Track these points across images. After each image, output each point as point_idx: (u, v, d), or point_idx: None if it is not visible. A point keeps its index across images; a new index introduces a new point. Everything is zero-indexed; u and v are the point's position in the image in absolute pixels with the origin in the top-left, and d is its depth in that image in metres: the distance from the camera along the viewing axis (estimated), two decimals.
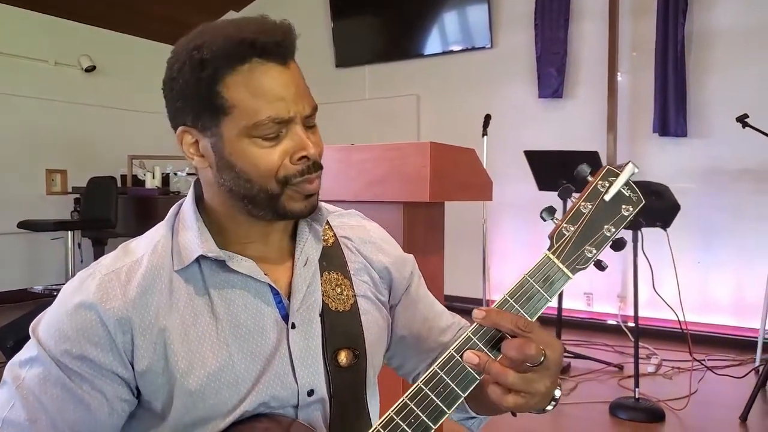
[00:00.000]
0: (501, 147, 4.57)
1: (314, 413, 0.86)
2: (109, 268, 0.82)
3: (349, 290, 0.92)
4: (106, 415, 0.79)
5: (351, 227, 0.99)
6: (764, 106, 3.87)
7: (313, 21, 6.04)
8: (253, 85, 0.78)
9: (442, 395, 0.74)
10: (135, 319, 0.79)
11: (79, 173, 5.74)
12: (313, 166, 0.82)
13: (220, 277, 0.84)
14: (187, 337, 0.81)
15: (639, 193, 0.79)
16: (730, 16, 4.21)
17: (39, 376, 0.78)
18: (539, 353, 0.71)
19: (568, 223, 0.78)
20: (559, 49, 4.75)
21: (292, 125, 0.80)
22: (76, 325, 0.78)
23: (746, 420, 2.83)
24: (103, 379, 0.78)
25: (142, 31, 6.64)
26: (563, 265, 0.77)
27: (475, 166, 1.95)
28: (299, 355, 0.85)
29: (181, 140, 0.85)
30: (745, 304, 4.06)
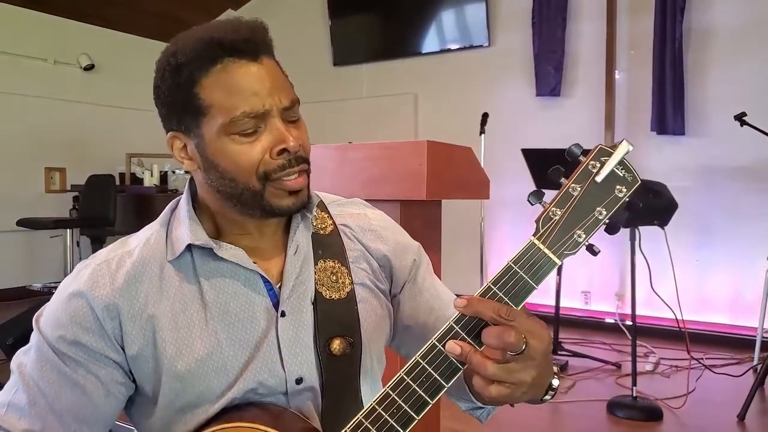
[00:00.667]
0: (499, 145, 4.58)
1: (305, 401, 0.86)
2: (101, 259, 0.86)
3: (346, 278, 0.91)
4: (102, 398, 0.82)
5: (351, 215, 0.99)
6: (762, 104, 3.87)
7: (310, 19, 6.04)
8: (227, 84, 0.79)
9: (425, 385, 0.72)
10: (122, 305, 0.82)
11: (78, 171, 5.74)
12: (295, 159, 0.82)
13: (210, 265, 0.86)
14: (176, 324, 0.83)
15: (634, 172, 0.74)
16: (727, 15, 4.21)
17: (37, 361, 0.82)
18: (519, 341, 0.68)
19: (555, 206, 0.74)
20: (557, 47, 4.76)
21: (270, 119, 0.81)
22: (69, 312, 0.82)
23: (744, 419, 2.83)
24: (97, 363, 0.82)
25: (141, 29, 6.64)
26: (549, 251, 0.73)
27: (472, 164, 1.95)
28: (287, 343, 0.85)
29: (171, 145, 0.87)
30: (743, 302, 4.06)
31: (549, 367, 0.74)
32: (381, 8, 5.72)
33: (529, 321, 0.70)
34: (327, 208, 0.97)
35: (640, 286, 2.97)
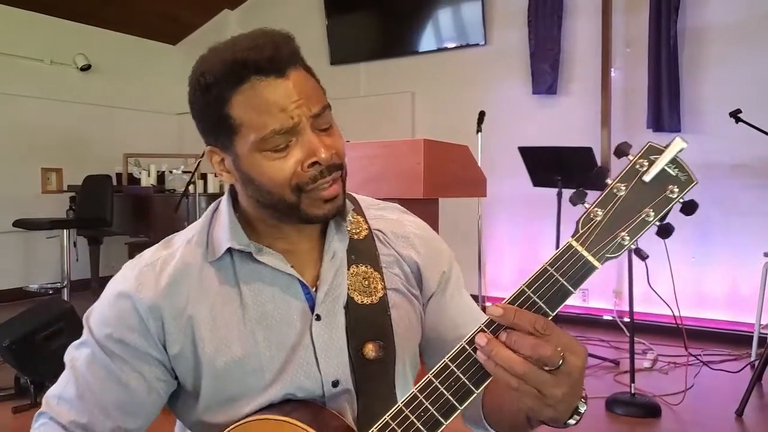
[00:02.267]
0: (496, 143, 4.58)
1: (342, 404, 0.88)
2: (147, 261, 0.91)
3: (379, 283, 0.92)
4: (144, 394, 0.87)
5: (386, 220, 1.00)
6: (757, 101, 3.88)
7: (307, 18, 6.03)
8: (254, 102, 0.80)
9: (453, 389, 0.70)
10: (165, 307, 0.86)
11: (75, 172, 5.73)
12: (327, 169, 0.82)
13: (249, 268, 0.88)
14: (214, 324, 0.86)
15: (689, 171, 0.67)
16: (722, 13, 4.22)
17: (87, 357, 0.87)
18: (556, 355, 0.65)
19: (597, 207, 0.69)
20: (553, 45, 4.76)
21: (301, 132, 0.81)
22: (116, 312, 0.87)
23: (742, 414, 2.84)
24: (141, 361, 0.86)
25: (137, 29, 6.63)
26: (588, 253, 0.69)
27: (468, 162, 1.96)
28: (322, 346, 0.87)
29: (210, 159, 0.89)
30: (740, 298, 4.08)
31: (581, 388, 0.71)
32: (378, 7, 5.72)
33: (566, 336, 0.68)
34: (363, 212, 0.98)
35: (637, 283, 2.98)
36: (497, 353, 0.66)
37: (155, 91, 6.96)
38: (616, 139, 4.59)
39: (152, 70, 6.93)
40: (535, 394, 0.66)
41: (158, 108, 6.96)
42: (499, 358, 0.66)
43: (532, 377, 0.65)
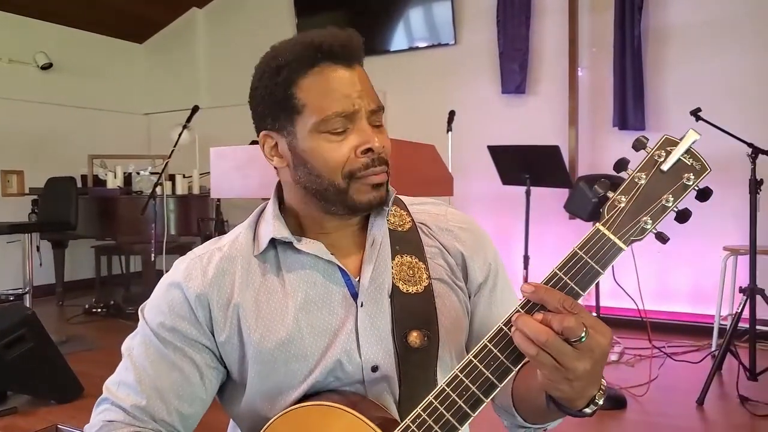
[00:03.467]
0: (465, 142, 4.62)
1: (382, 391, 0.90)
2: (196, 254, 0.96)
3: (424, 273, 0.94)
4: (198, 379, 0.91)
5: (430, 214, 1.02)
6: (717, 99, 4.00)
7: (277, 17, 6.00)
8: (322, 85, 0.85)
9: (492, 367, 0.74)
10: (212, 295, 0.91)
11: (37, 174, 5.60)
12: (378, 159, 0.87)
13: (291, 258, 0.93)
14: (259, 312, 0.90)
15: (703, 160, 0.75)
16: (683, 13, 4.34)
17: (143, 345, 0.92)
18: (579, 326, 0.68)
19: (620, 194, 0.75)
20: (522, 45, 4.82)
21: (358, 120, 0.86)
22: (167, 301, 0.92)
23: (703, 403, 2.93)
24: (192, 348, 0.91)
25: (100, 27, 6.50)
26: (615, 237, 0.74)
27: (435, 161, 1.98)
28: (365, 332, 0.90)
29: (263, 144, 0.93)
30: (702, 291, 4.19)
31: (601, 372, 0.75)
32: (348, 6, 5.72)
33: (592, 317, 0.71)
34: (407, 207, 1.01)
35: (603, 278, 3.03)
36: (525, 322, 0.70)
37: (122, 90, 6.84)
38: (583, 137, 4.67)
39: (118, 69, 6.81)
40: (554, 365, 0.69)
41: (125, 108, 6.84)
42: (524, 326, 0.70)
43: (553, 346, 0.69)
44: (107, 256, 6.14)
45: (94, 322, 4.91)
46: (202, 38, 6.75)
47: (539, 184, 3.86)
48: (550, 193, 4.19)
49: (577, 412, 0.77)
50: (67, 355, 3.23)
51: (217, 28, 6.65)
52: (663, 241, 0.77)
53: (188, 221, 4.83)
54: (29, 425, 2.81)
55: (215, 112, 6.20)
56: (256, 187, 2.32)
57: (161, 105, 6.87)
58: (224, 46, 6.50)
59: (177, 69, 6.86)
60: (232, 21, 6.49)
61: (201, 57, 6.75)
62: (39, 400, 3.06)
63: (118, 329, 4.67)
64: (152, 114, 7.08)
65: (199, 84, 6.68)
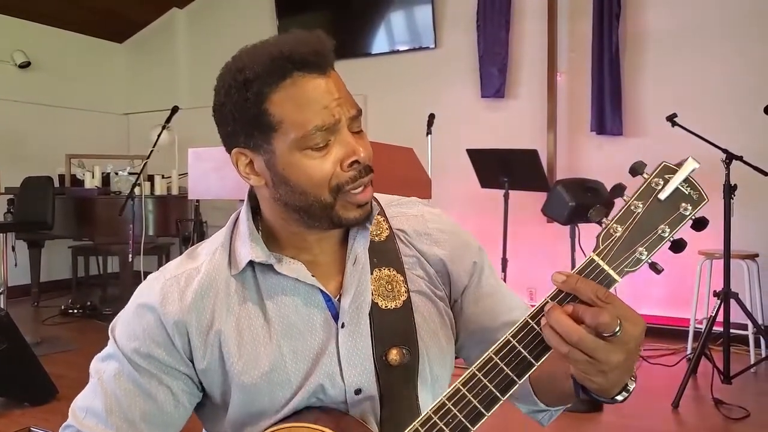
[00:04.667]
0: (445, 145, 4.64)
1: (365, 411, 0.88)
2: (171, 273, 0.90)
3: (402, 286, 0.91)
4: (172, 407, 0.88)
5: (408, 218, 0.98)
6: (692, 105, 4.07)
7: (258, 18, 5.98)
8: (298, 98, 0.79)
9: (513, 364, 0.72)
10: (191, 322, 0.86)
11: (13, 173, 5.50)
12: (364, 169, 0.83)
13: (271, 280, 0.88)
14: (241, 340, 0.87)
15: (701, 190, 0.73)
16: (660, 20, 4.41)
17: (114, 371, 0.87)
18: (614, 322, 0.66)
19: (616, 223, 0.73)
20: (501, 49, 4.86)
21: (339, 132, 0.81)
22: (142, 325, 0.87)
23: (678, 406, 2.98)
24: (168, 375, 0.87)
25: (79, 25, 6.43)
26: (609, 267, 0.72)
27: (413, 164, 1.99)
28: (347, 354, 0.87)
29: (236, 161, 0.87)
30: (677, 295, 4.25)
31: (634, 360, 0.73)
32: (329, 8, 5.71)
33: (625, 306, 0.69)
34: (384, 211, 0.97)
35: None
36: (557, 319, 0.68)
37: (101, 90, 6.77)
38: (561, 141, 4.72)
39: (97, 69, 6.73)
40: (587, 360, 0.68)
41: (104, 108, 6.77)
42: (556, 323, 0.68)
43: (586, 344, 0.67)
44: (84, 256, 6.07)
45: (70, 324, 4.85)
46: (182, 39, 6.70)
47: (517, 188, 3.90)
48: (528, 196, 4.22)
49: (610, 400, 0.75)
50: (41, 357, 3.19)
51: (198, 29, 6.61)
52: (657, 271, 0.75)
53: (167, 222, 4.79)
54: (2, 427, 2.76)
55: (195, 113, 6.14)
56: (234, 188, 2.31)
57: (140, 105, 6.81)
58: (204, 47, 6.46)
59: (157, 69, 6.80)
60: (213, 22, 6.45)
61: (181, 57, 6.70)
62: (12, 402, 3.03)
63: (94, 330, 4.62)
64: (131, 114, 7.01)
65: (178, 84, 6.63)
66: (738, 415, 2.86)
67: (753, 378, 3.46)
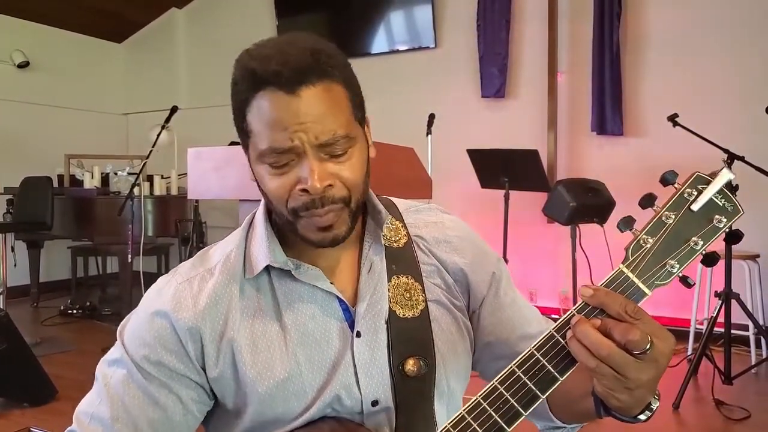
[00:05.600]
0: (445, 145, 4.63)
1: (380, 422, 0.85)
2: (184, 277, 0.88)
3: (420, 295, 0.89)
4: (180, 416, 0.85)
5: (426, 224, 0.96)
6: (693, 105, 4.06)
7: (257, 19, 5.97)
8: (261, 114, 0.78)
9: (536, 378, 0.70)
10: (204, 329, 0.84)
11: (12, 173, 5.50)
12: (320, 200, 0.78)
13: (288, 286, 0.86)
14: (255, 347, 0.84)
15: (736, 202, 0.70)
16: (661, 20, 4.40)
17: (123, 378, 0.84)
18: (645, 340, 0.64)
19: (647, 234, 0.70)
20: (501, 49, 4.86)
21: (303, 155, 0.77)
22: (153, 332, 0.84)
23: (679, 407, 2.97)
24: (179, 383, 0.84)
25: (79, 25, 6.42)
26: (639, 280, 0.70)
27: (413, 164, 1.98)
28: (363, 365, 0.84)
29: None
30: (678, 295, 4.25)
31: (659, 378, 0.70)
32: (329, 8, 5.70)
33: (654, 322, 0.67)
34: (402, 217, 0.95)
35: (581, 282, 3.06)
36: (584, 332, 0.66)
37: (100, 90, 6.76)
38: (562, 141, 4.72)
39: (96, 69, 6.72)
40: (614, 375, 0.66)
41: (103, 108, 6.76)
42: (585, 338, 0.66)
43: (615, 360, 0.65)
44: (83, 256, 6.06)
45: (69, 324, 4.83)
46: (181, 38, 6.69)
47: (518, 188, 3.89)
48: (528, 196, 4.22)
49: (632, 419, 0.72)
50: (41, 358, 3.18)
51: (197, 29, 6.60)
52: (688, 286, 0.73)
53: (166, 222, 4.78)
54: (2, 428, 2.76)
55: (194, 113, 6.16)
56: (234, 188, 2.30)
57: (140, 105, 6.80)
58: (204, 47, 6.46)
59: (156, 69, 6.79)
60: (212, 22, 6.44)
61: (180, 57, 6.69)
62: (12, 402, 3.02)
63: (93, 331, 4.61)
64: (131, 114, 7.00)
65: (178, 84, 6.62)
66: (739, 415, 2.85)
67: (754, 379, 3.45)
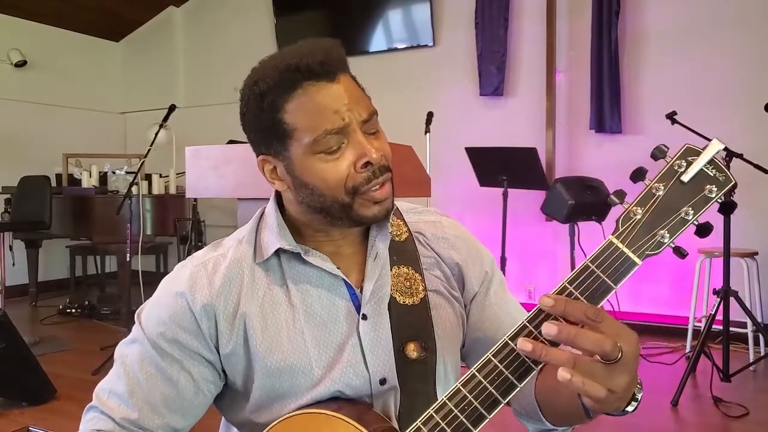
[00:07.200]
0: (444, 144, 4.64)
1: (389, 403, 0.89)
2: (199, 260, 0.93)
3: (420, 284, 0.94)
4: (192, 394, 0.90)
5: (426, 223, 1.02)
6: (693, 103, 4.07)
7: (255, 17, 5.96)
8: (308, 106, 0.83)
9: (496, 383, 0.70)
10: (219, 306, 0.89)
11: (10, 172, 5.49)
12: (378, 170, 0.86)
13: (297, 269, 0.92)
14: (265, 324, 0.89)
15: (727, 172, 0.70)
16: (660, 18, 4.40)
17: (138, 355, 0.90)
18: (615, 349, 0.65)
19: (636, 206, 0.71)
20: (500, 47, 4.85)
21: (352, 134, 0.84)
22: (169, 311, 0.89)
23: (677, 404, 2.97)
24: (192, 360, 0.89)
25: (76, 24, 6.41)
26: (629, 250, 0.70)
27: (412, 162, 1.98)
28: (369, 344, 0.89)
29: (262, 168, 0.92)
30: (676, 293, 4.25)
31: (636, 374, 0.71)
32: (327, 6, 5.70)
33: (617, 324, 0.68)
34: (402, 216, 1.01)
35: None
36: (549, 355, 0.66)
37: (98, 89, 6.75)
38: (560, 139, 4.72)
39: (94, 68, 6.71)
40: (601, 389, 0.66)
41: (101, 107, 6.75)
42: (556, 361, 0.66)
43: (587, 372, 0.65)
44: (82, 256, 6.06)
45: (68, 323, 4.83)
46: (179, 37, 6.68)
47: (516, 186, 3.89)
48: (527, 194, 4.22)
49: (621, 413, 0.74)
50: (39, 357, 3.18)
51: (195, 28, 6.58)
52: (681, 256, 0.73)
53: (165, 221, 4.78)
54: (1, 427, 2.76)
55: (192, 112, 6.15)
56: (232, 187, 2.30)
57: (138, 104, 6.79)
58: (202, 46, 6.45)
59: (154, 68, 6.78)
60: (210, 20, 6.43)
61: (178, 56, 6.68)
62: (10, 402, 3.01)
63: (92, 330, 4.61)
64: (128, 113, 6.99)
65: (176, 83, 6.61)
66: (737, 413, 2.86)
67: (752, 376, 3.45)
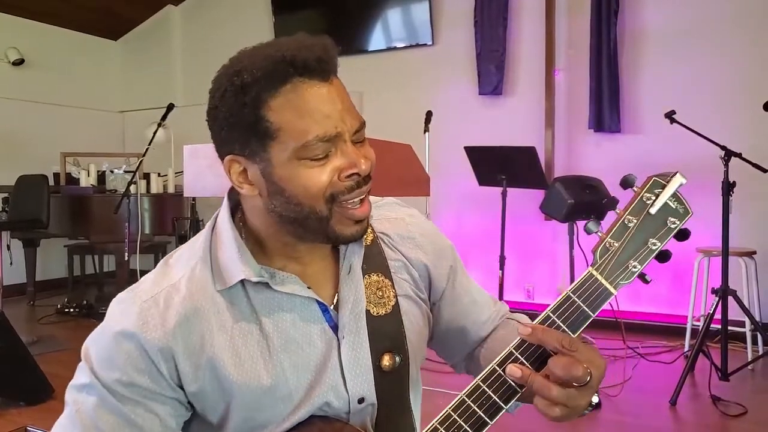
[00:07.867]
0: (443, 143, 4.63)
1: (365, 417, 0.88)
2: (148, 294, 0.82)
3: (390, 291, 0.91)
4: (159, 430, 0.81)
5: (389, 221, 0.98)
6: (691, 102, 4.06)
7: (254, 16, 5.96)
8: (297, 105, 0.75)
9: (485, 407, 0.77)
10: (176, 347, 0.80)
11: (8, 171, 5.48)
12: (363, 180, 0.81)
13: (265, 295, 0.84)
14: (239, 358, 0.82)
15: (686, 204, 0.79)
16: (659, 17, 4.40)
17: (95, 403, 0.80)
18: (585, 374, 0.72)
19: (612, 238, 0.79)
20: (499, 46, 4.85)
21: (342, 144, 0.78)
22: (122, 354, 0.79)
23: (675, 403, 2.97)
24: (155, 401, 0.81)
25: (74, 23, 6.39)
26: (606, 281, 0.78)
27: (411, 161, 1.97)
28: (349, 365, 0.86)
29: (228, 169, 0.82)
30: (675, 292, 4.26)
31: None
32: (326, 5, 5.69)
33: (588, 350, 0.75)
34: None
35: None
36: (532, 382, 0.74)
37: (96, 87, 6.73)
38: (559, 139, 4.72)
39: (92, 66, 6.70)
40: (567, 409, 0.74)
41: (99, 105, 6.74)
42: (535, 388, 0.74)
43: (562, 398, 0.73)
44: (80, 255, 6.04)
45: (65, 323, 4.82)
46: (177, 36, 6.67)
47: (515, 185, 3.89)
48: (526, 193, 4.22)
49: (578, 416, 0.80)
50: (37, 356, 3.17)
51: (193, 26, 6.57)
52: (645, 282, 0.81)
53: (163, 220, 4.77)
54: None
55: (191, 111, 6.10)
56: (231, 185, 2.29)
57: (136, 103, 6.78)
58: (200, 44, 6.43)
59: (152, 67, 6.77)
60: (208, 19, 6.42)
61: (176, 55, 6.67)
62: (8, 401, 3.01)
63: (90, 329, 4.55)
64: (127, 112, 6.98)
65: (174, 82, 6.60)
66: (735, 411, 2.86)
67: (750, 375, 3.46)
